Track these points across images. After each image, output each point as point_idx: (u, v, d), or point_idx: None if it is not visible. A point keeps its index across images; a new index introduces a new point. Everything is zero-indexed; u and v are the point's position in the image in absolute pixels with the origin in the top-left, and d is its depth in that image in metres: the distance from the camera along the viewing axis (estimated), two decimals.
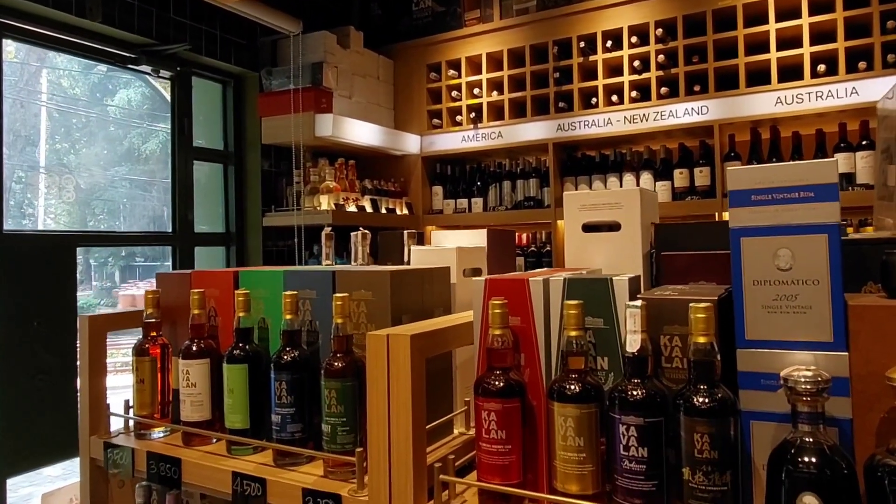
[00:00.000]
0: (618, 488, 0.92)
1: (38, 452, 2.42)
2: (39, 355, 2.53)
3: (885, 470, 0.80)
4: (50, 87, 4.47)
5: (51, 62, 4.30)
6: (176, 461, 1.34)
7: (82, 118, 4.58)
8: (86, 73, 4.46)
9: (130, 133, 4.53)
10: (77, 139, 4.42)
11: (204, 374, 1.40)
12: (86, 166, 4.38)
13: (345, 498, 1.12)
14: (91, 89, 4.67)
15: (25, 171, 4.16)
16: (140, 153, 4.79)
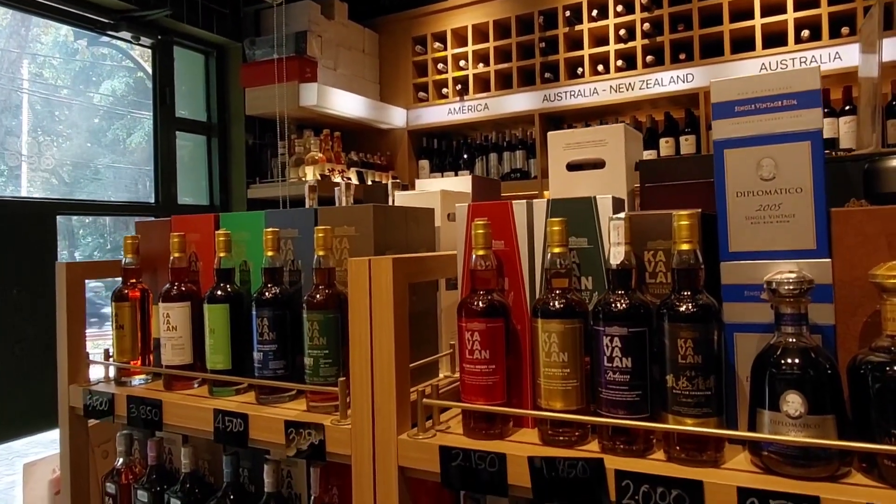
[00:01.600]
0: (602, 401, 0.92)
1: (17, 422, 2.38)
2: (18, 324, 2.49)
3: (867, 367, 0.80)
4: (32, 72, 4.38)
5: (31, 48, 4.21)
6: (157, 402, 1.32)
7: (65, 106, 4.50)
8: (68, 59, 4.38)
9: (114, 124, 4.45)
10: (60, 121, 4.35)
11: (185, 318, 1.38)
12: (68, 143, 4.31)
13: (328, 427, 1.10)
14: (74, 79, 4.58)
15: (3, 136, 4.06)
16: (126, 145, 4.71)
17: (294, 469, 1.31)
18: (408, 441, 1.03)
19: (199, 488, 1.36)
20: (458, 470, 0.97)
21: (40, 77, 4.45)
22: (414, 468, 1.03)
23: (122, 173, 4.35)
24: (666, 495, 0.83)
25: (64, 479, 1.52)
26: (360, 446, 1.06)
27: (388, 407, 1.04)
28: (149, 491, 1.39)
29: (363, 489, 1.07)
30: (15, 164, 4.11)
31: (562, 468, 0.89)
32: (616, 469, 0.86)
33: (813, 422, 0.79)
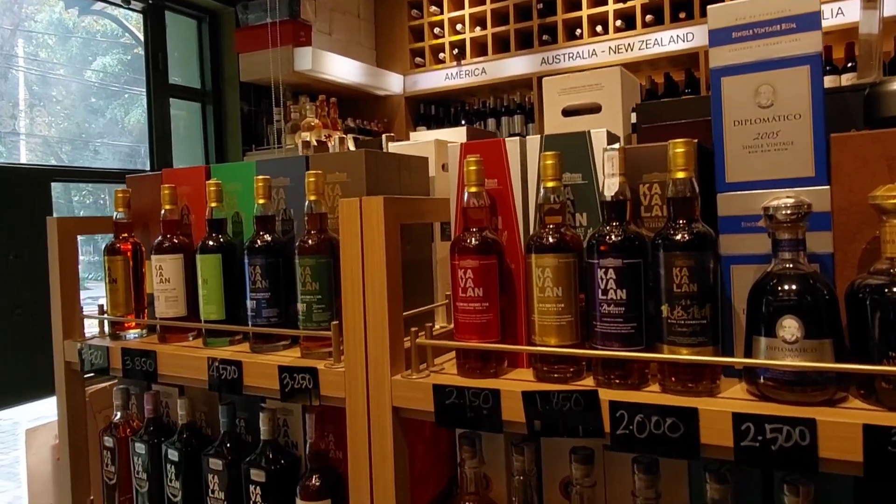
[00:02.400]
0: (596, 334, 0.91)
1: (18, 388, 2.39)
2: (16, 291, 2.48)
3: (866, 290, 0.78)
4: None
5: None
6: (151, 354, 1.31)
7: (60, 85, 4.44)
8: (64, 37, 4.31)
9: (112, 103, 4.40)
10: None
11: (178, 270, 1.37)
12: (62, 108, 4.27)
13: (321, 371, 1.10)
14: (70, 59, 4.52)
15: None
16: (125, 125, 4.66)
17: (290, 418, 1.31)
18: (401, 381, 1.02)
19: (196, 439, 1.36)
20: (451, 408, 0.96)
21: (35, 56, 4.39)
22: (408, 408, 1.02)
23: (119, 150, 4.32)
24: (660, 424, 0.82)
25: (61, 435, 1.53)
26: (354, 388, 1.06)
27: (382, 348, 1.03)
28: (146, 443, 1.40)
29: (357, 431, 1.06)
30: (13, 141, 4.08)
31: (556, 401, 0.88)
32: (610, 400, 0.85)
33: (810, 346, 0.77)
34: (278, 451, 1.25)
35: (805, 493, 0.80)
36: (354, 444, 1.07)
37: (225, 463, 1.28)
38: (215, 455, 1.29)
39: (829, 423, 0.73)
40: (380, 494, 1.05)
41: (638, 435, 0.83)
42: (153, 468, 1.39)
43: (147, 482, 1.40)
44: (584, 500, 0.95)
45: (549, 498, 1.05)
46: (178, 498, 1.35)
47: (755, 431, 0.76)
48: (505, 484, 1.09)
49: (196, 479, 1.33)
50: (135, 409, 1.53)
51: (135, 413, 1.52)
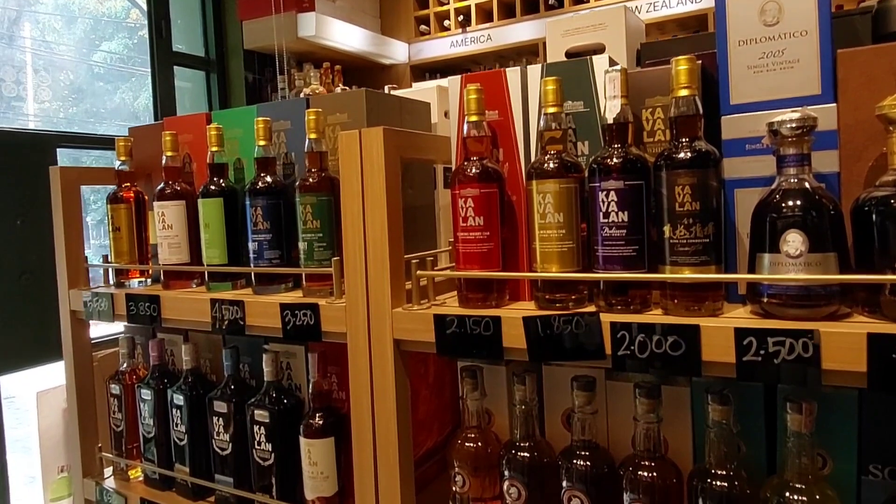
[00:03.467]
0: (598, 259, 0.90)
1: (27, 352, 2.40)
2: (23, 255, 2.49)
3: (871, 202, 0.77)
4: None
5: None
6: (155, 298, 1.32)
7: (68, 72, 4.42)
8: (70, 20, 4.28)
9: (120, 87, 4.38)
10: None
11: (180, 216, 1.36)
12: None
13: (323, 306, 1.09)
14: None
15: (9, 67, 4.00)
16: (133, 108, 4.63)
17: (293, 360, 1.31)
18: (402, 313, 1.02)
19: (200, 383, 1.37)
20: (452, 337, 0.96)
21: (43, 39, 4.37)
22: (409, 340, 1.02)
23: (126, 129, 4.31)
24: (662, 343, 0.81)
25: (68, 382, 1.54)
26: (355, 322, 1.06)
27: (382, 280, 1.03)
28: (152, 389, 1.40)
29: (359, 366, 1.06)
30: (22, 122, 4.08)
31: (557, 325, 0.88)
32: (611, 321, 0.84)
33: (814, 259, 0.76)
34: (282, 392, 1.26)
35: (808, 410, 0.79)
36: (356, 379, 1.07)
37: (229, 405, 1.29)
38: (220, 398, 1.30)
39: (832, 333, 0.72)
40: (382, 428, 1.05)
41: (639, 355, 0.82)
42: (159, 413, 1.40)
43: (153, 427, 1.41)
44: (585, 428, 0.95)
45: (551, 429, 1.05)
46: (183, 441, 1.36)
47: (757, 345, 0.75)
48: (507, 417, 1.09)
49: (201, 423, 1.34)
50: (140, 358, 1.54)
51: (140, 362, 1.53)
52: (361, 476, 1.08)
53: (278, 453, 1.23)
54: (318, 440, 1.17)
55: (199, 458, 1.35)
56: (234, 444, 1.29)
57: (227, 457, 1.30)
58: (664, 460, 0.90)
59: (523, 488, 0.96)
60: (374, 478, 1.07)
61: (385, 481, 1.05)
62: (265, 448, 1.23)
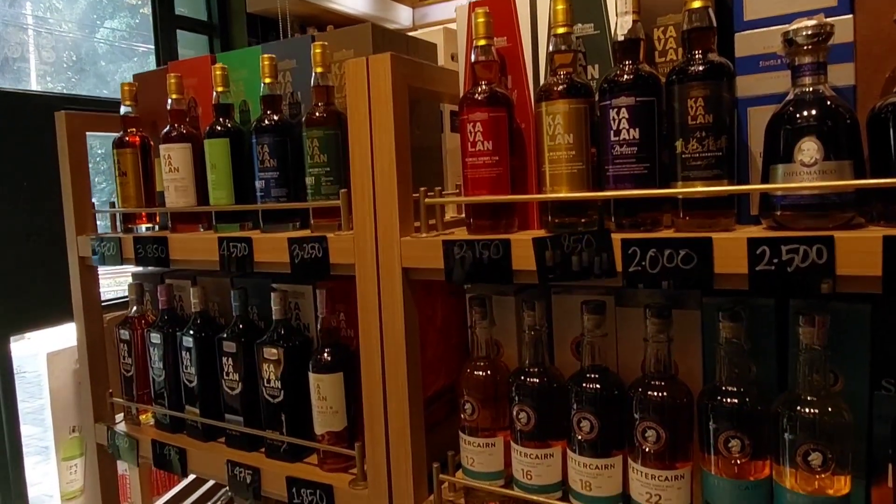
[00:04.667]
0: (609, 178, 0.89)
1: (36, 313, 2.42)
2: (30, 217, 2.49)
3: (888, 109, 0.75)
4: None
5: None
6: (163, 240, 1.32)
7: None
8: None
9: (121, 66, 4.35)
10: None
11: (186, 159, 1.36)
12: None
13: (331, 238, 1.09)
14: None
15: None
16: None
17: (301, 300, 1.31)
18: (410, 241, 1.01)
19: (209, 326, 1.37)
20: (461, 262, 0.95)
21: (45, 19, 4.33)
22: (417, 268, 1.01)
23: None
24: (673, 257, 0.80)
25: (78, 329, 1.55)
26: (364, 252, 1.05)
27: (390, 209, 1.02)
28: (161, 332, 1.41)
29: (368, 296, 1.06)
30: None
31: (567, 244, 0.87)
32: (622, 238, 0.84)
33: (829, 167, 0.75)
34: (290, 330, 1.26)
35: (821, 323, 0.79)
36: (365, 310, 1.07)
37: (239, 345, 1.29)
38: (229, 338, 1.30)
39: (847, 238, 0.71)
40: (391, 358, 1.05)
41: (651, 270, 0.82)
42: (169, 357, 1.41)
43: (163, 371, 1.42)
44: (594, 351, 0.95)
45: (561, 358, 1.05)
46: (193, 384, 1.37)
47: (770, 254, 0.75)
48: (516, 348, 1.09)
49: (211, 364, 1.35)
50: (149, 305, 1.54)
51: (149, 308, 1.54)
52: (371, 407, 1.08)
53: (288, 390, 1.23)
54: (327, 375, 1.18)
55: (209, 398, 1.36)
56: (244, 384, 1.29)
57: (237, 396, 1.30)
58: (674, 381, 0.90)
59: (532, 413, 0.97)
60: (383, 409, 1.07)
61: (395, 409, 1.06)
62: (275, 386, 1.24)
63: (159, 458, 1.39)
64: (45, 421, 2.24)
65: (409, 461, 1.05)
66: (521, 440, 0.99)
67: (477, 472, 1.04)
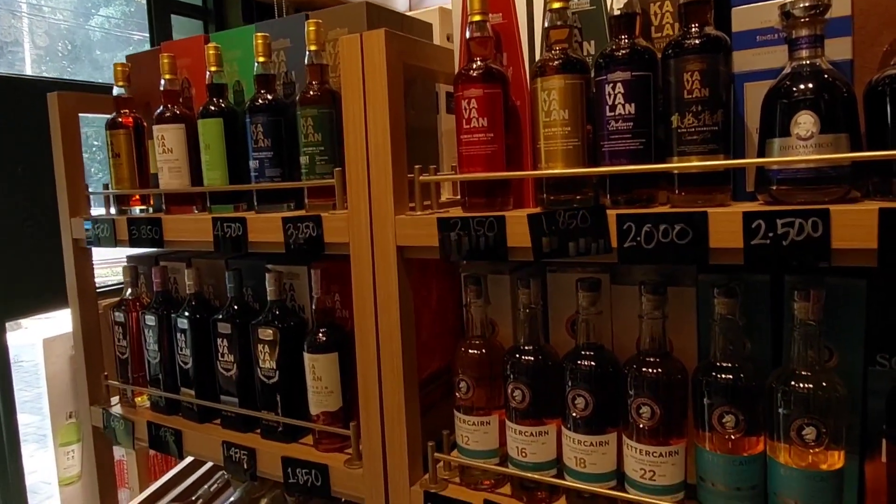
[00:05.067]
0: (604, 154, 0.88)
1: (32, 298, 2.41)
2: (25, 202, 2.48)
3: (885, 82, 0.75)
4: None
5: None
6: (156, 220, 1.31)
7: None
8: None
9: (117, 55, 4.30)
10: None
11: (180, 139, 1.35)
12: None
13: (325, 217, 1.08)
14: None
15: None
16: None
17: (296, 282, 1.30)
18: (405, 219, 1.01)
19: (204, 307, 1.37)
20: (456, 239, 0.95)
21: (39, 7, 4.29)
22: (412, 246, 1.01)
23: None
24: (669, 232, 0.80)
25: (73, 312, 1.54)
26: (358, 230, 1.05)
27: (385, 187, 1.02)
28: (156, 314, 1.40)
29: (362, 275, 1.06)
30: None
31: (562, 220, 0.86)
32: (618, 213, 0.83)
33: (825, 140, 0.75)
34: (285, 311, 1.26)
35: (816, 297, 0.79)
36: (359, 289, 1.06)
37: (233, 326, 1.29)
38: (224, 319, 1.30)
39: (842, 211, 0.71)
40: (385, 337, 1.05)
41: (646, 245, 0.82)
42: (164, 339, 1.40)
43: (158, 353, 1.41)
44: (589, 329, 0.94)
45: (556, 337, 1.04)
46: (189, 365, 1.36)
47: (766, 228, 0.74)
48: (511, 328, 1.09)
49: (206, 346, 1.34)
50: (143, 287, 1.54)
51: (143, 290, 1.53)
52: (366, 386, 1.08)
53: (283, 371, 1.23)
54: (321, 355, 1.17)
55: (204, 380, 1.36)
56: (239, 365, 1.29)
57: (232, 377, 1.30)
58: (669, 357, 0.90)
59: (527, 390, 0.96)
60: (378, 388, 1.07)
61: (389, 388, 1.05)
62: (270, 366, 1.24)
63: (155, 440, 1.39)
64: (42, 409, 2.24)
65: (403, 440, 1.06)
66: (515, 418, 0.99)
67: (472, 451, 1.04)
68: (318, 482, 1.15)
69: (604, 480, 0.94)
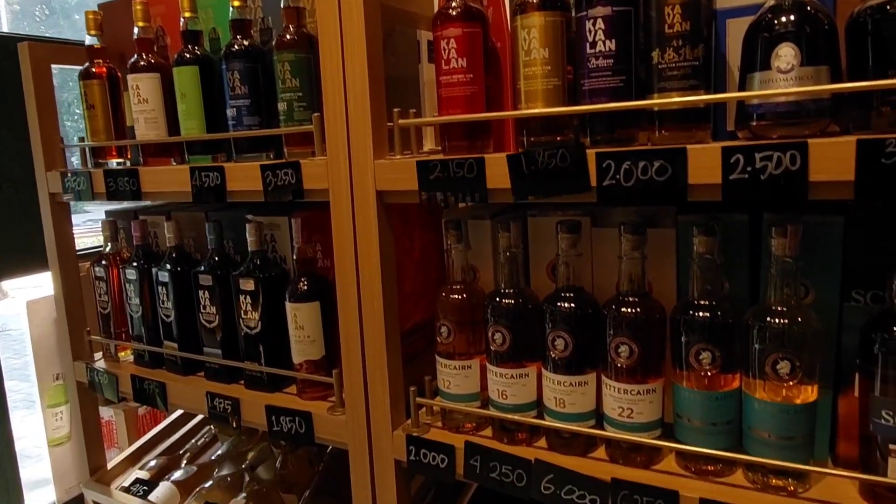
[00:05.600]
0: (584, 93, 0.87)
1: (12, 260, 2.37)
2: (4, 163, 2.43)
3: (867, 13, 0.74)
4: None
5: None
6: (133, 172, 1.29)
7: None
8: None
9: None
10: None
11: (155, 88, 1.32)
12: None
13: (304, 164, 1.07)
14: None
15: None
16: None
17: (277, 232, 1.29)
18: (385, 164, 1.00)
19: (185, 260, 1.36)
20: (436, 182, 0.94)
21: None
22: (391, 190, 1.00)
23: None
24: (648, 169, 0.79)
25: (52, 267, 1.53)
26: (337, 176, 1.04)
27: (364, 132, 1.00)
28: (137, 268, 1.39)
29: (342, 221, 1.05)
30: None
31: (541, 160, 0.86)
32: (597, 152, 0.82)
33: (806, 73, 0.74)
34: (266, 262, 1.25)
35: (793, 233, 0.79)
36: (340, 235, 1.06)
37: (215, 277, 1.28)
38: (205, 271, 1.29)
39: (820, 144, 0.71)
40: (367, 285, 1.05)
41: (625, 183, 0.81)
42: (145, 293, 1.40)
43: (140, 307, 1.41)
44: (569, 271, 0.94)
45: (537, 282, 1.04)
46: (171, 318, 1.36)
47: (745, 162, 0.74)
48: (491, 273, 1.09)
49: (187, 298, 1.33)
50: (124, 243, 1.52)
51: (123, 245, 1.51)
52: (347, 333, 1.08)
53: (265, 321, 1.23)
54: (304, 304, 1.17)
55: (186, 333, 1.35)
56: (221, 316, 1.29)
57: (215, 329, 1.30)
58: (648, 297, 0.90)
59: (508, 333, 0.97)
60: (359, 335, 1.07)
61: (371, 334, 1.05)
62: (252, 317, 1.23)
63: (140, 393, 1.39)
64: (31, 376, 2.23)
65: (385, 386, 1.06)
66: (497, 361, 0.99)
67: (454, 395, 1.05)
68: (301, 429, 1.16)
69: (583, 420, 0.95)
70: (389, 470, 1.08)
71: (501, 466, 0.97)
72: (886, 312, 0.77)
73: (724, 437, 0.87)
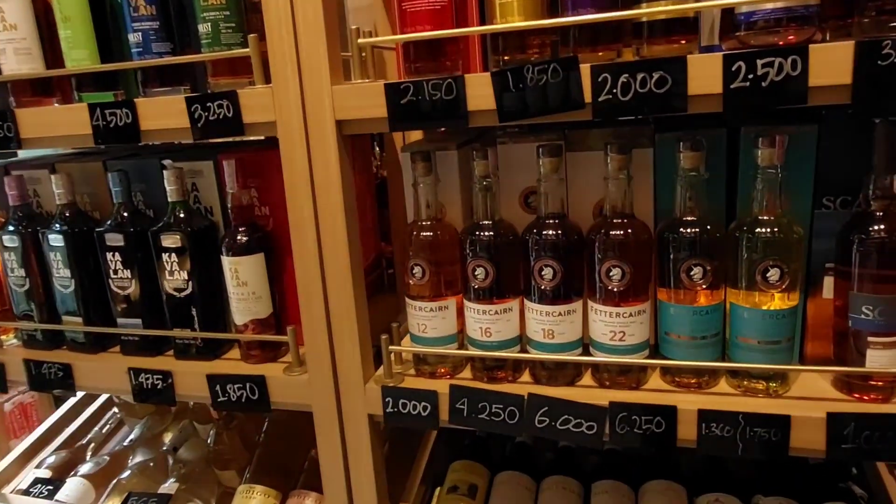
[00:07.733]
0: (567, 4, 0.82)
1: None
2: None
3: None
4: None
5: None
6: (7, 115, 1.06)
7: None
8: None
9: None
10: None
11: (26, 9, 1.08)
12: None
13: (242, 93, 0.93)
14: None
15: None
16: None
17: (200, 180, 1.13)
18: (345, 89, 0.89)
19: (81, 220, 1.16)
20: (408, 107, 0.85)
21: None
22: (354, 120, 0.90)
23: None
24: (647, 81, 0.76)
25: None
26: (286, 106, 0.91)
27: (318, 52, 0.88)
28: (18, 234, 1.17)
29: (294, 157, 0.93)
30: None
31: (531, 76, 0.80)
32: (592, 65, 0.78)
33: None
34: (191, 213, 1.09)
35: (780, 143, 0.80)
36: (291, 174, 0.94)
37: (127, 236, 1.10)
38: (113, 229, 1.11)
39: (820, 49, 0.71)
40: (328, 229, 0.95)
41: (622, 97, 0.78)
42: (32, 261, 1.18)
43: (26, 279, 1.18)
44: (552, 199, 0.91)
45: (509, 213, 1.00)
46: (70, 289, 1.16)
47: (746, 70, 0.73)
48: (460, 207, 1.03)
49: (92, 264, 1.14)
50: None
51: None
52: (306, 284, 0.97)
53: (196, 281, 1.08)
54: (245, 257, 1.04)
55: (92, 304, 1.16)
56: (139, 280, 1.11)
57: (130, 296, 1.13)
58: (635, 219, 0.89)
59: (490, 267, 0.92)
60: (321, 284, 0.97)
61: (335, 283, 0.96)
62: (180, 277, 1.08)
63: (37, 380, 1.18)
64: None
65: (355, 336, 0.98)
66: (478, 298, 0.94)
67: (429, 339, 0.99)
68: (254, 395, 1.05)
69: (572, 349, 0.93)
70: (363, 426, 1.01)
71: (491, 406, 0.93)
72: (862, 215, 0.82)
73: (712, 349, 0.89)
